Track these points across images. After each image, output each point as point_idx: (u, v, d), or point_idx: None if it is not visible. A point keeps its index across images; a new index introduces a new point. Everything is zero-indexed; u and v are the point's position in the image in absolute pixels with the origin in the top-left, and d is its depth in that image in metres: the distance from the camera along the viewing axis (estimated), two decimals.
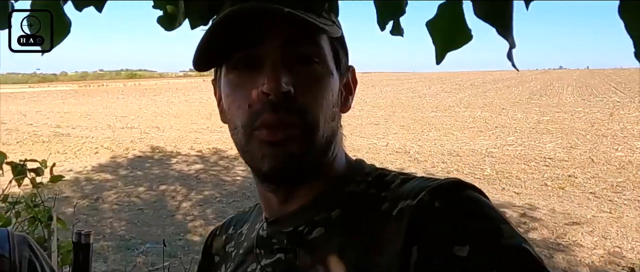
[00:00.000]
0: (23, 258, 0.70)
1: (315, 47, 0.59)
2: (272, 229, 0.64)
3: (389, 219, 0.54)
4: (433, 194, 0.52)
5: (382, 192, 0.59)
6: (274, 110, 0.55)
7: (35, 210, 1.47)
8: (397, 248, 0.51)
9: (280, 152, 0.56)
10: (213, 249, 0.78)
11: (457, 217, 0.50)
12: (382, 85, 31.35)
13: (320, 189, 0.62)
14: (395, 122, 13.53)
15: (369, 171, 0.65)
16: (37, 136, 12.44)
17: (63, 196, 6.61)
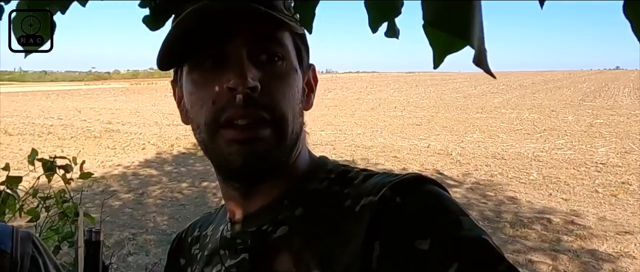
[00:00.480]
0: (26, 255, 0.70)
1: (279, 44, 0.59)
2: (235, 230, 0.63)
3: (352, 215, 0.54)
4: (394, 190, 0.53)
5: (345, 188, 0.59)
6: (242, 105, 0.54)
7: (64, 206, 1.53)
8: (360, 244, 0.51)
9: (249, 149, 0.56)
10: (178, 251, 0.77)
11: (418, 211, 0.51)
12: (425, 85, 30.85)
13: (283, 187, 0.62)
14: (437, 123, 13.27)
15: (332, 167, 0.64)
16: (89, 131, 13.02)
17: (111, 190, 6.91)
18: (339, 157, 8.83)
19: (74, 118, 16.41)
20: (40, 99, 27.31)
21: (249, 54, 0.56)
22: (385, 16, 0.63)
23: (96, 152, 9.92)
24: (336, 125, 13.20)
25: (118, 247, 4.67)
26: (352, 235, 0.53)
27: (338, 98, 23.53)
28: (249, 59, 0.56)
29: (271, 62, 0.58)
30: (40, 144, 10.92)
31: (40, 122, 15.46)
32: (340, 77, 57.02)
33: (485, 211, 5.56)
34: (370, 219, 0.52)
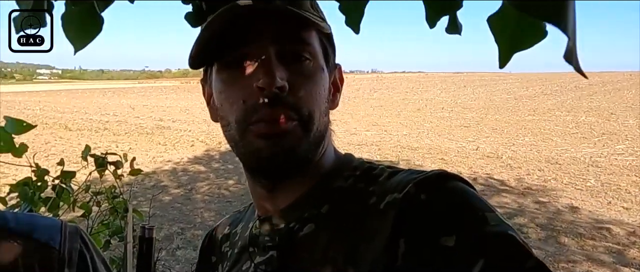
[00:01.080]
0: (74, 250, 0.70)
1: (306, 44, 0.59)
2: (264, 227, 0.65)
3: (377, 212, 0.55)
4: (419, 187, 0.53)
5: (370, 186, 0.59)
6: (269, 105, 0.55)
7: (114, 201, 1.57)
8: (385, 241, 0.52)
9: (276, 144, 0.57)
10: (209, 249, 0.79)
11: (443, 208, 0.51)
12: (474, 86, 30.04)
13: (309, 185, 0.63)
14: (487, 125, 12.86)
15: (357, 165, 0.65)
16: (142, 128, 13.51)
17: (161, 185, 7.12)
18: (384, 158, 8.73)
19: (128, 115, 17.09)
20: (98, 97, 28.66)
21: (277, 53, 0.57)
22: (446, 9, 0.57)
23: (148, 148, 10.27)
24: (381, 125, 13.07)
25: (167, 241, 4.80)
26: (377, 232, 0.53)
27: (383, 98, 23.31)
28: (277, 58, 0.57)
29: (298, 62, 0.58)
30: (96, 139, 11.45)
31: (97, 118, 16.21)
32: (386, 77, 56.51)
33: (538, 218, 5.31)
34: (395, 216, 0.52)
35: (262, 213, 0.66)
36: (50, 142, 11.10)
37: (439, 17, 0.55)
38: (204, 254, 0.80)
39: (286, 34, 0.58)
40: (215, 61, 0.62)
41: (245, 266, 0.66)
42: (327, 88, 0.63)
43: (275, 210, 0.64)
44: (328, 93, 0.63)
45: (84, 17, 0.53)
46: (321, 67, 0.61)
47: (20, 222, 0.69)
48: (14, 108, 20.28)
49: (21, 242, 0.66)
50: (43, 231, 0.70)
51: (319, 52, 0.61)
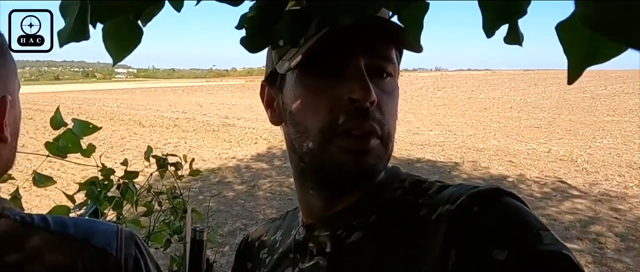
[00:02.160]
0: (129, 256, 0.71)
1: (390, 61, 0.60)
2: (309, 234, 0.65)
3: (428, 224, 0.55)
4: (472, 199, 0.53)
5: (420, 198, 0.59)
6: (359, 117, 0.56)
7: (174, 201, 1.62)
8: (436, 252, 0.51)
9: (361, 161, 0.57)
10: (245, 255, 0.79)
11: (496, 221, 0.50)
12: (546, 84, 28.47)
13: (359, 194, 0.63)
14: (560, 125, 12.13)
15: (405, 177, 0.65)
16: (209, 125, 14.03)
17: (226, 181, 7.34)
18: (447, 159, 8.47)
19: (196, 112, 17.82)
20: (169, 94, 30.13)
21: (367, 68, 0.57)
22: (505, 17, 0.50)
23: (214, 144, 10.64)
24: (445, 125, 12.70)
25: (231, 237, 4.94)
26: (428, 243, 0.53)
27: (448, 97, 22.68)
28: (368, 73, 0.57)
29: (382, 78, 0.60)
30: (167, 135, 12.03)
31: (167, 115, 17.03)
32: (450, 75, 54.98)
33: (616, 227, 4.92)
34: (447, 228, 0.52)
35: (308, 220, 0.67)
36: (125, 137, 11.79)
37: (497, 26, 0.49)
38: (239, 259, 0.81)
39: (375, 49, 0.59)
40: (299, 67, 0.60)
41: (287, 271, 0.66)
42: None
43: (322, 217, 0.65)
44: None
45: (123, 30, 0.52)
46: (397, 85, 0.63)
47: (79, 228, 0.70)
48: (95, 105, 21.80)
49: (80, 248, 0.68)
50: (101, 237, 0.71)
51: (397, 69, 0.63)
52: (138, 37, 0.51)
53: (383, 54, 0.60)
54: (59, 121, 1.30)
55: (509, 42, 0.52)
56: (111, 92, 34.49)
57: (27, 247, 0.65)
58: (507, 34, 0.51)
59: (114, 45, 0.51)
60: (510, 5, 0.49)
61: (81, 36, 0.52)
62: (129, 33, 0.50)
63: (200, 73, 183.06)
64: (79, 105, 21.58)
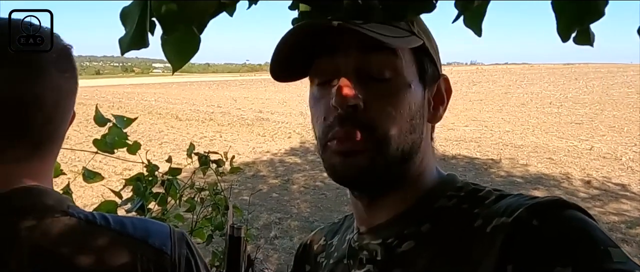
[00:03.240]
0: (182, 256, 0.73)
1: (388, 61, 0.58)
2: (362, 240, 0.65)
3: (483, 236, 0.53)
4: (531, 212, 0.50)
5: (475, 208, 0.57)
6: (341, 123, 0.57)
7: (216, 198, 1.65)
8: (491, 267, 0.49)
9: (348, 162, 0.57)
10: (304, 258, 0.80)
11: (559, 236, 0.47)
12: (587, 79, 27.44)
13: (409, 202, 0.62)
14: (603, 122, 11.68)
15: (461, 185, 0.63)
16: (243, 119, 14.22)
17: (260, 175, 7.43)
18: (484, 155, 8.30)
19: (231, 106, 18.08)
20: (204, 89, 30.69)
21: (357, 70, 0.57)
22: (582, 21, 0.48)
23: (248, 138, 10.77)
24: (481, 120, 12.44)
25: (266, 230, 5.00)
26: (483, 257, 0.51)
27: (484, 92, 22.19)
28: (356, 76, 0.57)
29: (379, 80, 0.58)
30: (203, 129, 12.26)
31: (203, 109, 17.35)
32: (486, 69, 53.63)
33: None
34: (503, 241, 0.50)
35: (359, 224, 0.67)
36: (163, 131, 12.08)
37: (573, 30, 0.47)
38: (298, 262, 0.82)
39: (368, 51, 0.57)
40: (300, 77, 0.63)
41: None
42: (419, 103, 0.61)
43: (374, 224, 0.64)
44: (421, 108, 0.62)
45: (183, 38, 0.53)
46: (407, 84, 0.59)
47: (136, 228, 0.72)
48: (133, 99, 22.43)
49: (139, 247, 0.70)
50: (156, 237, 0.73)
51: (407, 67, 0.59)
52: (197, 44, 0.52)
53: (378, 54, 0.58)
54: (102, 118, 1.34)
55: (580, 43, 0.50)
56: (149, 86, 35.39)
57: (93, 245, 0.68)
58: (577, 35, 0.49)
59: (173, 53, 0.52)
60: (588, 7, 0.46)
61: (141, 44, 0.53)
62: (189, 41, 0.51)
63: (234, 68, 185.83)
64: (119, 99, 22.25)
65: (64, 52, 0.71)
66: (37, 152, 0.69)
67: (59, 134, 0.72)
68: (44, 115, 0.67)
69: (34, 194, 0.67)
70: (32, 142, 0.68)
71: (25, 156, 0.68)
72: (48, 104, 0.67)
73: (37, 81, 0.66)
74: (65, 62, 0.70)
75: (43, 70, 0.67)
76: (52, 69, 0.68)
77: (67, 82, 0.70)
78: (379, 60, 0.58)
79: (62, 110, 0.70)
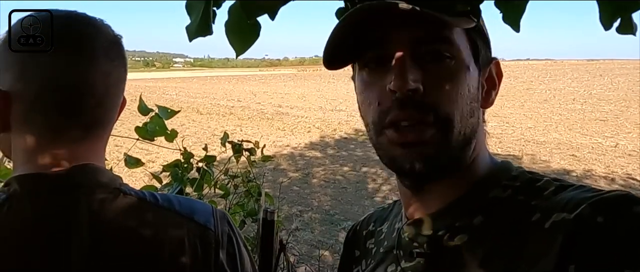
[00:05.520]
0: (224, 232, 0.76)
1: (446, 42, 0.56)
2: (412, 231, 0.62)
3: (540, 231, 0.50)
4: (595, 208, 0.47)
5: (533, 200, 0.54)
6: (402, 107, 0.54)
7: (249, 185, 1.70)
8: (550, 266, 0.47)
9: (413, 153, 0.55)
10: (354, 242, 0.79)
11: (628, 235, 0.44)
12: (612, 75, 26.83)
13: (460, 190, 0.59)
14: (628, 119, 11.43)
15: (517, 174, 0.60)
16: (263, 113, 14.31)
17: (280, 168, 7.50)
18: (505, 152, 8.22)
19: (250, 101, 18.20)
20: (224, 83, 30.92)
21: (413, 54, 0.55)
22: (627, 9, 0.51)
23: (268, 132, 10.85)
24: (503, 117, 12.30)
25: (287, 222, 5.06)
26: (541, 254, 0.48)
27: (505, 88, 21.86)
28: (412, 59, 0.55)
29: (437, 62, 0.56)
30: (223, 123, 12.39)
31: (223, 103, 17.51)
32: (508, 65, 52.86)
33: None
34: (564, 239, 0.47)
35: (409, 214, 0.65)
36: (185, 124, 12.25)
37: (615, 19, 0.49)
38: (348, 246, 0.81)
39: (424, 33, 0.55)
40: (355, 60, 0.61)
41: (391, 269, 0.65)
42: (475, 86, 0.59)
43: (423, 214, 0.62)
44: (477, 91, 0.59)
45: (245, 26, 0.57)
46: (465, 66, 0.57)
47: (182, 206, 0.76)
48: (155, 93, 22.74)
49: (186, 223, 0.74)
50: (201, 214, 0.77)
51: (464, 49, 0.57)
52: (258, 31, 0.56)
53: (436, 36, 0.56)
54: (145, 108, 1.41)
55: (622, 32, 0.52)
56: (170, 81, 35.82)
57: (146, 220, 0.72)
58: (620, 24, 0.51)
59: (237, 39, 0.57)
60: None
61: (206, 32, 0.58)
62: (251, 28, 0.55)
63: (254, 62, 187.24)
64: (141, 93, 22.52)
65: (114, 41, 0.74)
66: (90, 134, 0.73)
67: (110, 117, 0.76)
68: (96, 100, 0.71)
69: (89, 171, 0.71)
70: (85, 125, 0.72)
71: (79, 137, 0.71)
72: (99, 89, 0.71)
73: (90, 68, 0.69)
74: (115, 50, 0.74)
75: (94, 58, 0.70)
76: (102, 57, 0.71)
77: (116, 69, 0.74)
78: (437, 41, 0.56)
79: (113, 95, 0.74)
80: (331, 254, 4.34)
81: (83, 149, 0.72)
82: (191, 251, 0.72)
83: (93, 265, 0.67)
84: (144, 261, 0.70)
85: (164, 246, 0.71)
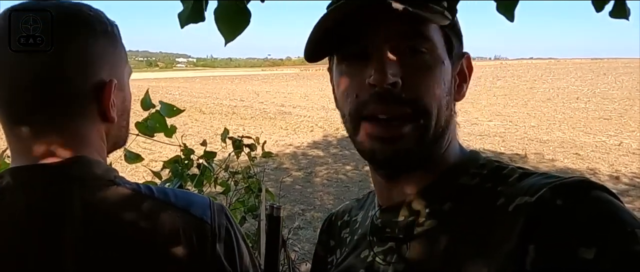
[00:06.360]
0: (221, 226, 0.75)
1: (424, 38, 0.57)
2: (384, 217, 0.65)
3: (504, 214, 0.52)
4: (555, 192, 0.49)
5: (498, 186, 0.56)
6: (381, 101, 0.56)
7: (249, 181, 1.69)
8: (511, 246, 0.49)
9: (391, 148, 0.57)
10: (328, 233, 0.81)
11: (583, 216, 0.46)
12: (616, 74, 26.71)
13: (431, 178, 0.62)
14: (632, 117, 11.38)
15: (484, 163, 0.63)
16: (266, 112, 14.32)
17: (283, 167, 7.50)
18: (509, 150, 8.20)
19: (253, 100, 18.22)
20: (227, 83, 30.96)
21: (392, 47, 0.56)
22: None
23: (271, 131, 10.86)
24: (506, 115, 12.26)
25: (290, 220, 5.06)
26: (504, 236, 0.50)
27: (508, 86, 21.82)
28: (391, 53, 0.56)
29: (414, 56, 0.57)
30: (226, 122, 12.40)
31: (226, 103, 17.53)
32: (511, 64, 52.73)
33: None
34: (525, 221, 0.49)
35: (382, 202, 0.67)
36: (187, 123, 12.27)
37: (607, 1, 0.48)
38: (323, 236, 0.83)
39: (402, 28, 0.57)
40: (334, 53, 0.63)
41: (364, 254, 0.67)
42: (449, 80, 0.61)
43: (395, 201, 0.64)
44: (451, 85, 0.62)
45: (233, 11, 0.57)
46: (441, 60, 0.59)
47: (178, 198, 0.76)
48: (158, 93, 22.77)
49: (181, 216, 0.73)
50: (197, 207, 0.76)
51: (439, 43, 0.59)
52: (248, 19, 0.55)
53: (413, 31, 0.57)
54: (148, 103, 1.40)
55: (615, 16, 0.51)
56: (173, 81, 35.91)
57: (140, 213, 0.71)
58: (614, 8, 0.51)
59: (225, 26, 0.56)
60: None
61: (199, 18, 0.58)
62: (239, 15, 0.54)
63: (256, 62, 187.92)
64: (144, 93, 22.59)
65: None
66: (72, 123, 0.71)
67: (85, 98, 0.71)
68: (72, 86, 0.69)
69: (84, 163, 0.70)
70: (63, 113, 0.70)
71: (60, 128, 0.70)
72: (71, 75, 0.69)
73: (60, 55, 0.68)
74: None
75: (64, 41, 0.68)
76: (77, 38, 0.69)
77: (94, 49, 0.71)
78: (415, 37, 0.57)
79: (89, 79, 0.71)
80: None
81: (71, 140, 0.71)
82: (186, 242, 0.71)
83: (85, 256, 0.67)
84: (137, 252, 0.69)
85: (157, 237, 0.70)
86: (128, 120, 0.83)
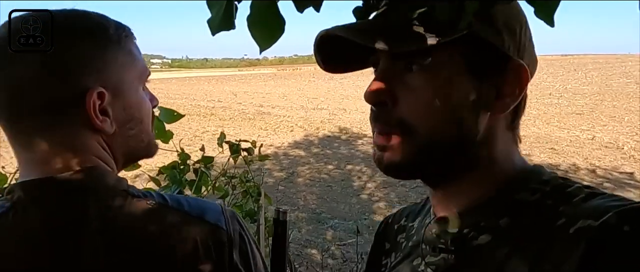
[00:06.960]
0: (235, 231, 0.76)
1: (422, 55, 0.57)
2: (438, 228, 0.64)
3: (564, 236, 0.50)
4: (622, 217, 0.46)
5: (560, 205, 0.54)
6: (373, 117, 0.61)
7: (247, 185, 1.69)
8: (572, 269, 0.47)
9: (381, 156, 0.61)
10: (384, 236, 0.81)
11: None
12: (586, 70, 27.44)
13: (487, 191, 0.60)
14: (603, 112, 11.73)
15: (548, 179, 0.60)
16: (244, 113, 14.22)
17: (265, 168, 7.47)
18: None
19: (231, 101, 18.06)
20: (203, 84, 30.60)
21: (391, 65, 0.59)
22: None
23: (251, 132, 10.79)
24: None
25: None
26: (563, 259, 0.48)
27: None
28: (387, 71, 0.59)
29: (409, 74, 0.58)
30: (205, 124, 12.26)
31: (203, 104, 17.32)
32: None
33: None
34: (587, 246, 0.47)
35: (435, 211, 0.67)
36: None
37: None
38: (378, 238, 0.83)
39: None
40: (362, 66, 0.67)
41: (416, 262, 0.66)
42: (462, 95, 0.57)
43: (449, 212, 0.63)
44: (468, 98, 0.58)
45: (269, 19, 0.56)
46: (442, 76, 0.57)
47: (192, 206, 0.75)
48: None
49: (197, 224, 0.73)
50: (211, 214, 0.76)
51: (446, 60, 0.57)
52: (282, 27, 0.55)
53: (408, 51, 0.56)
54: None
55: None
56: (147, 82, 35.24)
57: (156, 222, 0.71)
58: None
59: (259, 33, 0.56)
60: None
61: (229, 26, 0.58)
62: (275, 22, 0.54)
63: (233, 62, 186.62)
64: None
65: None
66: (70, 131, 0.69)
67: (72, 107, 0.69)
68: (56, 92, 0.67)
69: (97, 175, 0.70)
70: (59, 120, 0.68)
71: (61, 136, 0.69)
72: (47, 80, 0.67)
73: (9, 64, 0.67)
74: None
75: None
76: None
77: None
78: (413, 54, 0.56)
79: (69, 86, 0.68)
80: (319, 252, 4.34)
81: (80, 149, 0.70)
82: (205, 252, 0.72)
83: (105, 269, 0.66)
84: (157, 263, 0.69)
85: (176, 246, 0.70)
86: (141, 128, 0.78)
